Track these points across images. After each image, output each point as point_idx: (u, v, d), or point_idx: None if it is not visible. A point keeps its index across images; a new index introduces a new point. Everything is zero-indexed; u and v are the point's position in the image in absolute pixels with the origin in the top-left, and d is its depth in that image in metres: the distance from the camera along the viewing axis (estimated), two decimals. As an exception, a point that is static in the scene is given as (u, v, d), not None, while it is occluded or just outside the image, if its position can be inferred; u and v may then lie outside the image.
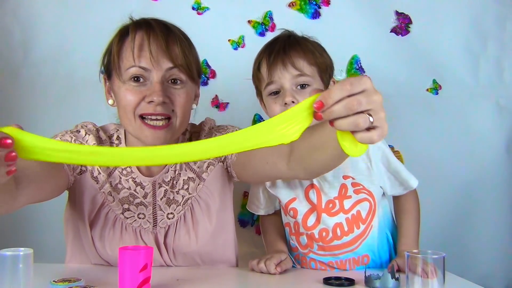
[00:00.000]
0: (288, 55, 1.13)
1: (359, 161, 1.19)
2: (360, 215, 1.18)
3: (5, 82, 1.68)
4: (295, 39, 1.19)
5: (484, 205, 1.71)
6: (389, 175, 1.20)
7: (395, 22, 1.71)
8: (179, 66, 1.04)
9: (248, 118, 1.71)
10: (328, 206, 1.18)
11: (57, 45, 1.68)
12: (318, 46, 1.20)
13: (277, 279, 1.08)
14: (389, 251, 1.26)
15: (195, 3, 1.69)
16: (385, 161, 1.19)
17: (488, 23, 1.72)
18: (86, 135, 1.12)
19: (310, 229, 1.19)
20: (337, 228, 1.17)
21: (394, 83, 1.69)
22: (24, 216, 1.66)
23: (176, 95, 1.05)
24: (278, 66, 1.14)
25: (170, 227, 1.13)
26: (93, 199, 1.12)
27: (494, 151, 1.71)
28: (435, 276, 0.83)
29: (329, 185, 1.18)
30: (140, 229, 1.13)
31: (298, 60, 1.14)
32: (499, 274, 1.70)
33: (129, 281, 0.86)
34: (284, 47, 1.15)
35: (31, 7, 1.68)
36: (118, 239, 1.11)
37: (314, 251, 1.21)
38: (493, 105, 1.72)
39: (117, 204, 1.12)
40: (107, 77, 1.12)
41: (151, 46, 1.03)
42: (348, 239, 1.18)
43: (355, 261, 1.19)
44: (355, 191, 1.18)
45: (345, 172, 1.18)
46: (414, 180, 1.21)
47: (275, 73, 1.14)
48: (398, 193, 1.23)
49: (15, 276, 0.79)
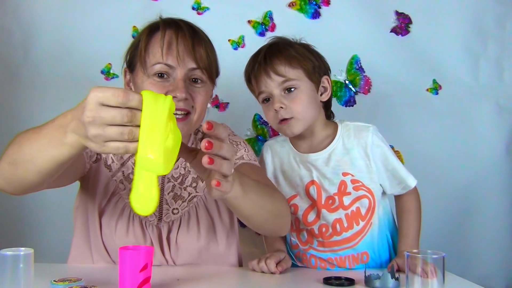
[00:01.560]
0: (270, 64, 1.18)
1: (358, 159, 1.20)
2: (360, 212, 1.19)
3: (5, 82, 1.68)
4: (277, 47, 1.21)
5: (484, 205, 1.71)
6: (387, 174, 1.22)
7: (395, 22, 1.71)
8: (202, 68, 1.09)
9: (248, 118, 1.72)
10: (328, 202, 1.20)
11: (57, 45, 1.68)
12: (302, 50, 1.22)
13: (277, 278, 1.08)
14: (389, 251, 1.27)
15: (195, 3, 1.69)
16: (383, 160, 1.21)
17: (488, 23, 1.72)
18: None
19: (310, 224, 1.21)
20: (336, 224, 1.19)
21: (394, 83, 1.70)
22: (25, 216, 1.67)
23: (196, 93, 1.10)
24: (263, 76, 1.19)
25: (174, 222, 1.15)
26: (105, 186, 1.15)
27: (494, 151, 1.72)
28: (435, 276, 0.83)
29: (329, 182, 1.20)
30: (145, 221, 1.14)
31: (280, 67, 1.17)
32: (499, 274, 1.71)
33: (129, 281, 0.86)
34: (265, 57, 1.19)
35: (31, 7, 1.68)
36: (126, 229, 1.13)
37: (314, 247, 1.22)
38: (493, 105, 1.72)
39: (127, 193, 1.14)
40: (130, 70, 1.15)
41: (178, 45, 1.07)
42: (347, 235, 1.20)
43: (354, 258, 1.20)
44: (354, 188, 1.19)
45: (345, 169, 1.20)
46: (413, 179, 1.22)
47: (262, 83, 1.19)
48: (397, 192, 1.24)
49: (16, 276, 0.79)
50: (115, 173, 1.16)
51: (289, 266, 1.15)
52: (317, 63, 1.22)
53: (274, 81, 1.18)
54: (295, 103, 1.17)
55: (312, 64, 1.20)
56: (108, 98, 0.68)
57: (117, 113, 0.68)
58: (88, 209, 1.15)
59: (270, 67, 1.17)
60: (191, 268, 1.14)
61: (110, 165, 1.16)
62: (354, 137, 1.22)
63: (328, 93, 1.24)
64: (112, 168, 1.16)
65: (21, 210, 1.67)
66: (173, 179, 1.19)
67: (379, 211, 1.23)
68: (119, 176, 1.16)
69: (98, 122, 0.68)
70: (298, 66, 1.18)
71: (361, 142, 1.21)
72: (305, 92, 1.19)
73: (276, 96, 1.18)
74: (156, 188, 0.73)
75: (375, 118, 1.38)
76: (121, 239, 1.11)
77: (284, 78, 1.17)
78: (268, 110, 1.22)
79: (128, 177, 1.16)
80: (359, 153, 1.20)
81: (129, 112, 0.68)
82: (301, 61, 1.19)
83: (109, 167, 1.16)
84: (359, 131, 1.22)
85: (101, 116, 0.68)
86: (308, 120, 1.20)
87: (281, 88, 1.18)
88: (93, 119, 0.68)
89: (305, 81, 1.19)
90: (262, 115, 1.70)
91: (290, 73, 1.17)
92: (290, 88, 1.18)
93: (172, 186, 1.18)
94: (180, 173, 1.19)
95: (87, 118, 0.68)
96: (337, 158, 1.21)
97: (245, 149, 1.22)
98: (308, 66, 1.19)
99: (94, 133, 0.69)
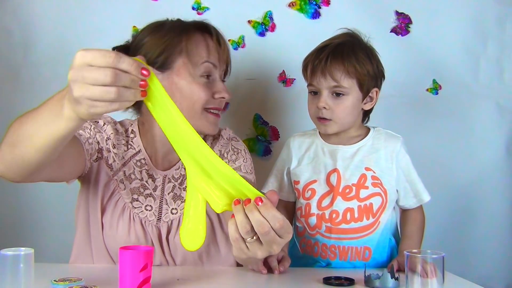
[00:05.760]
0: (330, 66, 1.22)
1: (383, 160, 1.25)
2: (372, 207, 1.23)
3: (5, 82, 1.68)
4: (342, 50, 1.24)
5: (484, 205, 1.71)
6: (406, 184, 1.27)
7: (395, 22, 1.71)
8: (227, 67, 1.21)
9: (248, 118, 1.72)
10: (345, 191, 1.24)
11: (57, 45, 1.67)
12: (364, 58, 1.25)
13: (277, 278, 1.08)
14: (390, 253, 1.28)
15: (195, 3, 1.69)
16: (405, 169, 1.27)
17: (488, 23, 1.72)
18: (105, 125, 1.17)
19: (323, 209, 1.25)
20: (347, 212, 1.23)
21: (394, 83, 1.69)
22: (25, 216, 1.67)
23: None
24: (319, 73, 1.23)
25: (173, 222, 1.15)
26: (106, 185, 1.15)
27: (494, 151, 1.72)
28: (435, 276, 0.83)
29: (350, 172, 1.25)
30: (145, 220, 1.14)
31: (337, 73, 1.22)
32: (499, 274, 1.71)
33: (130, 280, 0.86)
34: (327, 57, 1.23)
35: (31, 7, 1.68)
36: (127, 228, 1.13)
37: (322, 232, 1.25)
38: (493, 105, 1.72)
39: (127, 193, 1.15)
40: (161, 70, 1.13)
41: (215, 47, 1.15)
42: (355, 226, 1.23)
43: (357, 252, 1.23)
44: (373, 184, 1.24)
45: (368, 165, 1.25)
46: (427, 195, 1.28)
47: (315, 78, 1.25)
48: (408, 205, 1.29)
49: (16, 276, 0.79)
50: (116, 172, 1.16)
51: (289, 265, 1.15)
52: (372, 74, 1.26)
53: (327, 82, 1.23)
54: (338, 108, 1.23)
55: (367, 76, 1.24)
56: (95, 58, 0.68)
57: (101, 73, 0.68)
58: (89, 208, 1.15)
59: (328, 70, 1.22)
60: (190, 268, 1.14)
61: (111, 164, 1.16)
62: (384, 140, 1.28)
63: (372, 103, 1.30)
64: (113, 167, 1.16)
65: (21, 210, 1.67)
66: (174, 180, 1.19)
67: (387, 215, 1.25)
68: (120, 176, 1.16)
69: (80, 81, 0.69)
70: (354, 77, 1.23)
71: (390, 146, 1.27)
72: (351, 101, 1.24)
73: (323, 95, 1.24)
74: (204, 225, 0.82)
75: (375, 118, 1.38)
76: (123, 238, 1.12)
77: (337, 83, 1.22)
78: (312, 102, 1.28)
79: (129, 176, 1.16)
80: (385, 155, 1.26)
81: (113, 72, 0.68)
82: (358, 71, 1.23)
83: (110, 166, 1.16)
84: (390, 137, 1.29)
85: (84, 76, 0.69)
86: (345, 125, 1.27)
87: (331, 90, 1.23)
88: (76, 78, 0.69)
89: (355, 90, 1.24)
90: (262, 115, 1.71)
91: (344, 81, 1.22)
92: (339, 94, 1.23)
93: (172, 187, 1.18)
94: (180, 173, 1.20)
95: (71, 77, 0.70)
96: (363, 154, 1.26)
97: (244, 159, 1.24)
98: (363, 77, 1.24)
99: (79, 93, 0.69)
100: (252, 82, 1.71)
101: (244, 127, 1.71)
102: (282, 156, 1.37)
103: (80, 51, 0.70)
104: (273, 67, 1.70)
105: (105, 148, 1.15)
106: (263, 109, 1.72)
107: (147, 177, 1.18)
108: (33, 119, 0.83)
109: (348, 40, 1.28)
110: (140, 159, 1.19)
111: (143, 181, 1.17)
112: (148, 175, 1.18)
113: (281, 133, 1.71)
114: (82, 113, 0.73)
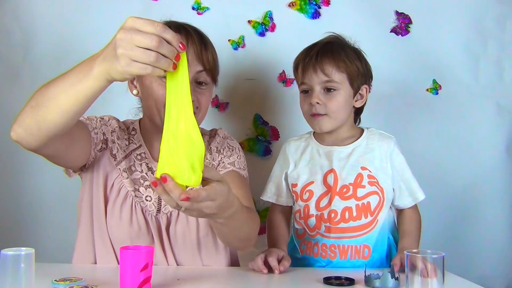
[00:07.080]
0: (320, 61, 1.26)
1: (378, 159, 1.27)
2: (370, 206, 1.25)
3: (5, 82, 1.68)
4: (331, 47, 1.28)
5: (484, 205, 1.71)
6: (401, 183, 1.28)
7: (395, 22, 1.71)
8: (207, 70, 1.16)
9: (248, 118, 1.72)
10: (342, 190, 1.26)
11: (57, 45, 1.67)
12: (353, 55, 1.29)
13: (277, 278, 1.08)
14: (389, 251, 1.29)
15: (195, 3, 1.69)
16: (400, 169, 1.28)
17: (488, 23, 1.72)
18: (110, 120, 1.23)
19: (321, 210, 1.26)
20: (346, 211, 1.24)
21: (394, 83, 1.69)
22: (26, 216, 1.67)
23: (201, 94, 1.17)
24: (310, 70, 1.27)
25: (172, 214, 1.17)
26: (109, 174, 1.18)
27: (494, 151, 1.72)
28: (435, 276, 0.83)
29: (347, 172, 1.26)
30: (145, 210, 1.17)
31: (328, 67, 1.25)
32: (499, 274, 1.71)
33: (130, 280, 0.86)
34: (318, 54, 1.27)
35: (31, 7, 1.67)
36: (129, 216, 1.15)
37: (321, 232, 1.26)
38: (493, 105, 1.72)
39: (129, 182, 1.18)
40: None
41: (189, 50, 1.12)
42: (354, 225, 1.24)
43: (356, 250, 1.24)
44: (369, 183, 1.25)
45: (364, 164, 1.27)
46: (422, 193, 1.29)
47: (307, 76, 1.28)
48: (403, 204, 1.29)
49: (17, 275, 0.79)
50: (119, 162, 1.19)
51: (289, 265, 1.15)
52: (362, 71, 1.29)
53: (319, 78, 1.26)
54: (331, 102, 1.26)
55: (357, 72, 1.28)
56: (145, 25, 0.76)
57: (147, 37, 0.75)
58: (93, 199, 1.17)
59: (319, 65, 1.25)
60: (191, 269, 1.15)
61: (115, 154, 1.19)
62: (378, 140, 1.30)
63: (363, 101, 1.32)
64: (117, 157, 1.20)
65: (22, 210, 1.67)
66: None
67: (385, 211, 1.26)
68: (123, 165, 1.19)
69: (127, 41, 0.76)
70: (344, 71, 1.26)
71: (384, 146, 1.28)
72: (343, 95, 1.27)
73: (315, 91, 1.26)
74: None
75: (375, 118, 1.38)
76: (126, 227, 1.14)
77: (328, 78, 1.25)
78: (304, 101, 1.30)
79: (129, 168, 1.20)
80: (380, 155, 1.28)
81: (158, 39, 0.75)
82: (348, 66, 1.26)
83: (114, 156, 1.19)
84: (383, 137, 1.31)
85: (132, 37, 0.75)
86: (338, 120, 1.28)
87: (322, 86, 1.26)
88: (124, 37, 0.76)
89: (346, 85, 1.27)
90: (262, 115, 1.71)
91: (335, 76, 1.25)
92: (331, 89, 1.26)
93: None
94: None
95: (120, 36, 0.76)
96: (359, 154, 1.28)
97: (238, 156, 1.26)
98: (353, 72, 1.27)
99: (123, 51, 0.76)
100: (252, 82, 1.71)
101: (244, 127, 1.71)
102: (278, 162, 1.39)
103: (131, 17, 0.77)
104: (273, 67, 1.70)
105: (110, 139, 1.19)
106: (263, 109, 1.72)
107: (147, 169, 1.21)
108: (61, 81, 0.88)
109: (336, 39, 1.33)
110: (140, 153, 1.23)
111: (143, 173, 1.20)
112: (147, 168, 1.21)
113: (281, 133, 1.71)
114: (117, 70, 0.78)
